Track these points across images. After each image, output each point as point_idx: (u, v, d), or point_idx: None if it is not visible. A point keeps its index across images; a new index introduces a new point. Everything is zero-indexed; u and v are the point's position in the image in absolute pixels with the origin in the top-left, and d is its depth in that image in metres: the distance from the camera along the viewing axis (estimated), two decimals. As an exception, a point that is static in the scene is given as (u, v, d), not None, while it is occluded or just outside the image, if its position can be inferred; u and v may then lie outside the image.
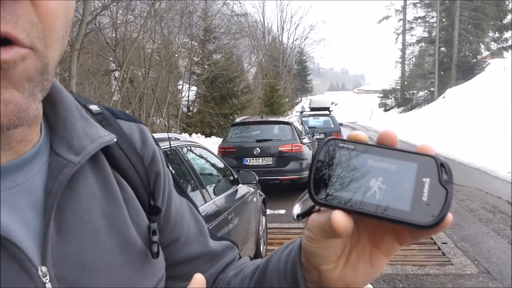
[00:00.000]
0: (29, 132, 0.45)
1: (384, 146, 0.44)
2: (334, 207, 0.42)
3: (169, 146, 2.80)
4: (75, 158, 0.48)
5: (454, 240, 5.44)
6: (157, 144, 0.65)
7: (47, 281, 0.43)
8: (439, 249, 5.16)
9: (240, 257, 0.75)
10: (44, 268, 0.43)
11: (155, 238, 0.56)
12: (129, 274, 0.52)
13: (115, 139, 0.54)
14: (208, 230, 0.72)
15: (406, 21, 46.85)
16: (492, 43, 39.49)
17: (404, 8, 46.89)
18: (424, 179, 0.41)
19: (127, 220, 0.54)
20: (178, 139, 3.48)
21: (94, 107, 0.58)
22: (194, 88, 21.03)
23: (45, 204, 0.45)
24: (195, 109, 20.35)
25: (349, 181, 0.43)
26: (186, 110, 19.84)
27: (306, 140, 9.57)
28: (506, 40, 38.21)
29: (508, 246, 5.19)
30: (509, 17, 37.72)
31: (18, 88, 0.37)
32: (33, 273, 0.42)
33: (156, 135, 3.14)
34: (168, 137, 2.85)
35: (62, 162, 0.47)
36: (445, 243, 5.33)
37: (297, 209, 0.49)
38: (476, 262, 4.68)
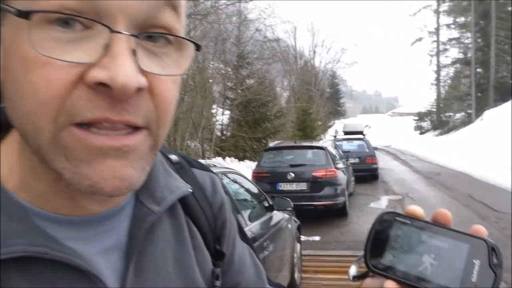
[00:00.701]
0: None
1: (439, 224, 0.47)
2: (387, 277, 0.45)
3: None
4: (156, 208, 0.54)
5: (497, 270, 5.25)
6: (226, 193, 0.71)
7: None
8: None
9: None
10: None
11: (218, 283, 0.61)
12: None
13: (191, 190, 0.59)
14: (266, 275, 0.76)
15: (440, 42, 46.30)
16: (532, 63, 38.37)
17: (438, 29, 46.37)
18: (474, 261, 0.43)
19: (194, 265, 0.59)
20: (215, 165, 3.55)
21: (173, 157, 0.64)
22: (227, 112, 21.33)
23: (128, 247, 0.52)
24: (228, 133, 20.58)
25: (403, 253, 0.45)
26: (220, 134, 20.10)
27: (340, 165, 9.52)
28: (546, 60, 37.08)
29: (556, 277, 4.96)
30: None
31: (133, 166, 0.43)
32: None
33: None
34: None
35: (145, 211, 0.53)
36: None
37: (353, 270, 0.52)
38: (521, 294, 4.49)
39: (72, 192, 0.46)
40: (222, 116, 21.18)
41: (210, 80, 19.08)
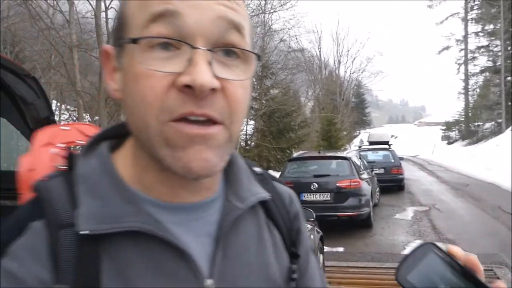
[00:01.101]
0: (213, 183, 0.67)
1: (467, 269, 0.54)
2: None
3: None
4: (240, 205, 0.67)
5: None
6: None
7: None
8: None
9: None
10: (209, 281, 0.61)
11: (295, 275, 0.71)
12: None
13: (269, 197, 0.72)
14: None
15: (468, 50, 45.42)
16: None
17: (466, 37, 45.52)
18: None
19: (272, 260, 0.70)
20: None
21: (257, 169, 0.78)
22: (252, 122, 21.44)
23: (217, 235, 0.64)
24: (253, 143, 20.66)
25: (433, 284, 0.53)
26: (244, 144, 20.19)
27: (365, 176, 9.44)
28: None
29: None
30: None
31: (214, 152, 0.57)
32: (202, 283, 0.60)
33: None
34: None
35: (231, 206, 0.66)
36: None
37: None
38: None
39: (171, 182, 0.61)
40: (246, 126, 21.29)
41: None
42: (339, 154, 9.45)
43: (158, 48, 0.55)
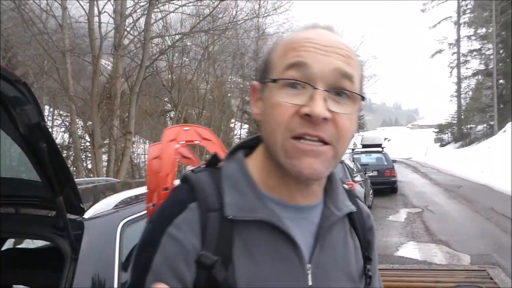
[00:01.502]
0: (318, 191, 0.88)
1: None
2: None
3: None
4: (338, 212, 0.88)
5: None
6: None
7: (309, 273, 0.81)
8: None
9: None
10: (308, 265, 0.82)
11: (370, 273, 0.93)
12: None
13: (355, 209, 0.93)
14: None
15: (461, 54, 45.77)
16: (555, 73, 37.57)
17: (458, 41, 45.88)
18: None
19: (353, 259, 0.90)
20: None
21: (345, 186, 0.98)
22: (246, 126, 21.47)
23: (317, 233, 0.85)
24: (246, 147, 20.69)
25: None
26: (238, 148, 20.23)
27: (358, 178, 9.50)
28: None
29: None
30: None
31: (322, 164, 0.77)
32: (304, 266, 0.81)
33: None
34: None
35: (330, 213, 0.87)
36: (509, 288, 5.04)
37: None
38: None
39: (289, 185, 0.82)
40: (240, 130, 21.31)
41: (229, 94, 19.27)
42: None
43: (289, 87, 0.77)
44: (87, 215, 1.75)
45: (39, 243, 3.07)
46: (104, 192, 2.57)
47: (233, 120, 21.17)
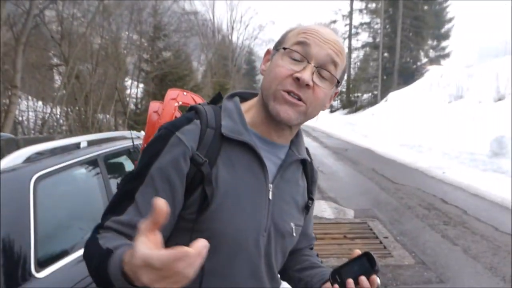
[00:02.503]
0: (288, 136, 1.15)
1: (351, 261, 1.09)
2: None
3: (132, 144, 2.90)
4: (298, 155, 1.17)
5: (394, 235, 5.86)
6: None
7: (270, 190, 1.09)
8: (381, 243, 5.54)
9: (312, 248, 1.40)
10: (271, 185, 1.10)
11: (310, 203, 1.24)
12: (297, 215, 1.18)
13: (310, 160, 1.25)
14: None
15: (353, 26, 48.43)
16: (431, 50, 41.69)
17: (351, 13, 48.35)
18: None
19: (300, 193, 1.20)
20: (139, 137, 3.57)
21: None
22: (141, 85, 20.73)
23: (280, 165, 1.14)
24: (143, 107, 20.06)
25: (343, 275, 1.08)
26: (134, 108, 19.53)
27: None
28: (443, 48, 40.49)
29: (440, 239, 5.66)
30: (446, 26, 40.01)
31: (294, 113, 1.04)
32: (268, 184, 1.09)
33: (120, 133, 3.22)
34: (131, 135, 2.95)
35: (293, 154, 1.16)
36: (386, 237, 5.73)
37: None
38: (413, 254, 5.09)
39: (269, 125, 1.10)
40: (137, 89, 20.55)
41: (124, 51, 18.33)
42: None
43: (292, 58, 1.05)
44: (-4, 168, 1.65)
45: None
46: (12, 145, 2.41)
47: (126, 78, 20.25)
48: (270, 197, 1.09)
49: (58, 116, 14.73)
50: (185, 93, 1.75)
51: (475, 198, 8.15)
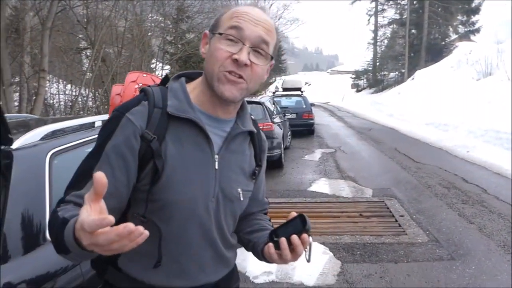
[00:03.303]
0: (233, 111, 1.26)
1: (286, 223, 1.16)
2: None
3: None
4: (243, 128, 1.27)
5: (410, 213, 5.90)
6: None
7: (216, 160, 1.20)
8: (396, 221, 5.60)
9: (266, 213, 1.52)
10: (216, 156, 1.21)
11: (257, 170, 1.35)
12: (244, 181, 1.30)
13: (255, 131, 1.33)
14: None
15: (379, 2, 47.31)
16: (460, 26, 40.36)
17: (377, -11, 47.23)
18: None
19: (247, 161, 1.31)
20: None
21: (252, 117, 1.37)
22: (167, 67, 20.96)
23: (226, 137, 1.24)
24: (168, 89, 20.26)
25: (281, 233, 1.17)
26: (159, 90, 19.76)
27: (277, 120, 9.89)
28: (473, 23, 39.15)
29: (457, 217, 5.68)
30: (476, 1, 38.58)
31: (238, 91, 1.16)
32: (213, 155, 1.20)
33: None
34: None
35: (237, 127, 1.26)
36: (402, 216, 5.79)
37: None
38: (427, 232, 5.14)
39: (214, 103, 1.20)
40: (161, 71, 20.78)
41: (149, 33, 18.52)
42: (253, 99, 9.74)
43: (228, 40, 1.14)
44: (15, 145, 1.83)
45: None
46: (27, 125, 2.60)
47: (153, 61, 20.52)
48: (216, 166, 1.20)
49: (86, 98, 15.14)
50: (144, 75, 1.85)
51: (497, 177, 8.07)
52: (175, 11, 19.75)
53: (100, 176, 0.81)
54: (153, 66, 20.37)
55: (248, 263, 4.17)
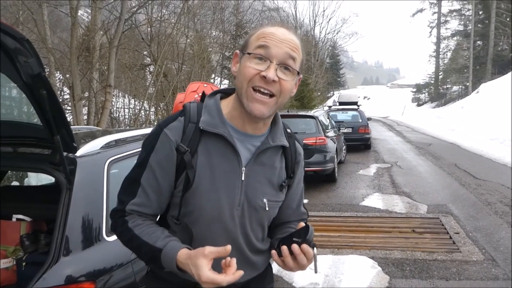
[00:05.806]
0: (263, 127, 1.37)
1: (295, 232, 1.27)
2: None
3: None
4: (272, 143, 1.37)
5: (466, 230, 5.71)
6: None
7: (243, 172, 1.32)
8: (451, 238, 5.44)
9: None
10: (244, 168, 1.33)
11: (285, 182, 1.43)
12: (271, 192, 1.39)
13: (288, 145, 1.42)
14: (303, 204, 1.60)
15: (441, 14, 45.88)
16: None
17: (439, 1, 45.90)
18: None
19: (275, 174, 1.40)
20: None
21: (289, 130, 1.49)
22: (226, 81, 21.53)
23: (254, 152, 1.35)
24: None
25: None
26: (217, 104, 20.30)
27: (331, 134, 9.87)
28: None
29: (517, 237, 5.41)
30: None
31: (266, 109, 1.27)
32: (240, 167, 1.32)
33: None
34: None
35: (267, 142, 1.36)
36: (457, 233, 5.61)
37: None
38: (483, 250, 4.95)
39: (244, 119, 1.31)
40: (220, 85, 21.36)
41: (209, 49, 19.18)
42: (307, 113, 9.81)
43: (257, 59, 1.25)
44: (78, 153, 2.07)
45: (32, 183, 3.37)
46: (91, 136, 2.88)
47: (213, 76, 21.17)
48: (243, 178, 1.32)
49: (148, 111, 15.89)
50: (205, 85, 2.06)
51: None
52: (234, 27, 20.31)
53: (228, 250, 1.15)
54: (212, 81, 20.99)
55: (294, 273, 4.24)
